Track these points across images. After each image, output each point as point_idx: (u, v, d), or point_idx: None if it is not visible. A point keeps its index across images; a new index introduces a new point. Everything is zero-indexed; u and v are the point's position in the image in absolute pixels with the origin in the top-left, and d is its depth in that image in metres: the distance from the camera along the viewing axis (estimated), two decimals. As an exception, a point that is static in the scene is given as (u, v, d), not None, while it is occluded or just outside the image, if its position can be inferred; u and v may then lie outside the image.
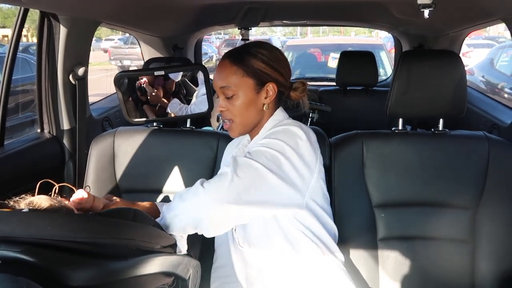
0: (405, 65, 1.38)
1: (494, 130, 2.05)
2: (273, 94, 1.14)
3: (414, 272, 1.35)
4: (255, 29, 3.07)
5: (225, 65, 1.13)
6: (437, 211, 1.37)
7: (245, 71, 1.11)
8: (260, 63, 1.12)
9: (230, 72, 1.12)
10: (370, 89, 2.92)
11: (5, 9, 16.71)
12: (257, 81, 1.12)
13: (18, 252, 0.64)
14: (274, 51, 1.15)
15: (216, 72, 1.15)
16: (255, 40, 1.31)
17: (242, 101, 1.12)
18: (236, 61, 1.12)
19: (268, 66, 1.12)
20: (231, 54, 1.15)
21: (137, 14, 1.95)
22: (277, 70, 1.14)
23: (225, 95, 1.13)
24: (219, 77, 1.14)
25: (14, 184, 1.57)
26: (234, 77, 1.11)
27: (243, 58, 1.12)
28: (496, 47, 8.34)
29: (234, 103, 1.12)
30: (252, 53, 1.12)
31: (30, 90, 4.59)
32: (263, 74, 1.12)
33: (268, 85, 1.12)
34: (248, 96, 1.12)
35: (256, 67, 1.11)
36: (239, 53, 1.14)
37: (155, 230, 0.83)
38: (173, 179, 1.54)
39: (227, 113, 1.14)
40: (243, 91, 1.11)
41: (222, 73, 1.13)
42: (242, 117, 1.14)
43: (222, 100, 1.14)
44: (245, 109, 1.12)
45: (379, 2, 2.08)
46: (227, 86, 1.12)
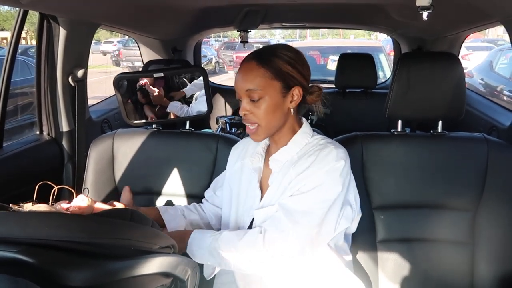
0: (404, 67, 1.38)
1: (493, 132, 2.05)
2: (298, 98, 1.10)
3: (413, 274, 1.35)
4: (254, 31, 3.07)
5: (251, 66, 1.07)
6: (436, 213, 1.37)
7: (273, 73, 1.06)
8: (288, 66, 1.07)
9: (257, 74, 1.06)
10: (369, 91, 2.93)
11: (4, 12, 16.73)
12: (284, 85, 1.07)
13: (16, 253, 0.64)
14: (299, 54, 1.11)
15: (242, 74, 1.09)
16: (280, 43, 1.28)
17: (269, 104, 1.07)
18: (264, 63, 1.07)
19: (295, 70, 1.08)
20: (257, 56, 1.09)
21: (137, 16, 1.95)
22: (302, 73, 1.10)
23: (251, 98, 1.07)
24: (244, 79, 1.08)
25: (13, 186, 1.57)
26: (261, 79, 1.06)
27: (270, 60, 1.07)
28: (495, 49, 8.36)
29: (260, 107, 1.07)
30: (279, 55, 1.08)
31: (29, 93, 4.59)
32: (290, 77, 1.08)
33: (294, 89, 1.08)
34: (274, 100, 1.07)
35: (284, 69, 1.07)
36: (266, 54, 1.09)
37: (153, 230, 0.82)
38: (172, 181, 1.54)
39: (251, 117, 1.09)
40: (270, 95, 1.06)
41: (249, 75, 1.07)
42: (268, 121, 1.09)
43: (247, 103, 1.08)
44: (272, 113, 1.08)
45: (378, 5, 2.08)
46: (254, 89, 1.06)
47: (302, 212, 1.03)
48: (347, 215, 1.11)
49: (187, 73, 1.74)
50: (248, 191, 1.18)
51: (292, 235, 1.02)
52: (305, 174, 1.07)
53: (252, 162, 1.19)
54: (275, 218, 1.05)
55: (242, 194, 1.19)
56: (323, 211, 1.04)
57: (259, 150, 1.21)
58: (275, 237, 1.02)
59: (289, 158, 1.13)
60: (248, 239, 1.04)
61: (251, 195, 1.17)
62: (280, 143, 1.16)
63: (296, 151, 1.13)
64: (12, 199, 0.98)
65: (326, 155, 1.07)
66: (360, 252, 1.35)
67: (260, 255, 1.03)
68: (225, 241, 1.05)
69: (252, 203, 1.16)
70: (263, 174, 1.18)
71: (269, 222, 1.06)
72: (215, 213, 1.32)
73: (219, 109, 3.26)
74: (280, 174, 1.12)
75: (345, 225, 1.11)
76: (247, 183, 1.19)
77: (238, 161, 1.25)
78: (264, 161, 1.19)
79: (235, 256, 1.05)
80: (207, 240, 1.07)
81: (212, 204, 1.34)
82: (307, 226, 1.03)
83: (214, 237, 1.07)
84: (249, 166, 1.19)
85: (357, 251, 1.35)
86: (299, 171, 1.08)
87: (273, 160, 1.15)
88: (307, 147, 1.13)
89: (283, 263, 1.04)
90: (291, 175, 1.09)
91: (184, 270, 0.85)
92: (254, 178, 1.17)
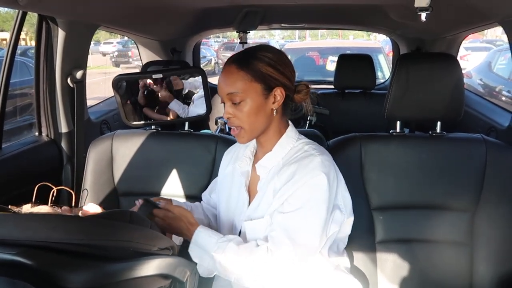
0: (403, 68, 1.39)
1: (491, 132, 2.06)
2: (281, 98, 1.09)
3: (412, 274, 1.35)
4: (254, 32, 3.07)
5: (231, 70, 1.08)
6: (435, 214, 1.37)
7: (252, 76, 1.06)
8: (268, 67, 1.07)
9: (237, 78, 1.07)
10: (368, 92, 2.93)
11: (3, 13, 16.71)
12: (265, 86, 1.08)
13: (14, 255, 0.64)
14: (280, 54, 1.11)
15: (222, 78, 1.10)
16: (260, 44, 1.28)
17: (250, 107, 1.07)
18: (243, 66, 1.07)
19: (276, 70, 1.08)
20: (236, 59, 1.10)
21: (136, 17, 1.95)
22: (284, 74, 1.10)
23: (232, 101, 1.08)
24: (225, 83, 1.09)
25: (12, 187, 1.57)
26: (241, 83, 1.06)
27: (250, 63, 1.07)
28: (494, 50, 8.37)
29: (242, 109, 1.08)
30: (258, 57, 1.08)
31: (28, 94, 4.59)
32: (271, 78, 1.08)
33: (276, 90, 1.08)
34: (256, 102, 1.07)
35: (263, 71, 1.07)
36: (245, 57, 1.09)
37: (152, 232, 0.82)
38: (171, 182, 1.54)
39: (235, 120, 1.10)
40: (251, 97, 1.07)
41: (229, 79, 1.08)
42: (251, 123, 1.09)
43: (229, 106, 1.09)
44: (254, 115, 1.08)
45: (377, 6, 2.09)
46: (235, 92, 1.07)
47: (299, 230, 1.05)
48: (337, 219, 1.11)
49: (186, 74, 1.74)
50: (239, 194, 1.18)
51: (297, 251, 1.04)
52: (289, 185, 1.07)
53: (240, 166, 1.19)
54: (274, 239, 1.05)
55: (233, 198, 1.20)
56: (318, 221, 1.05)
57: (248, 154, 1.21)
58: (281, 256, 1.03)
59: (275, 163, 1.13)
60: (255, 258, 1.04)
61: (241, 199, 1.17)
62: (266, 147, 1.15)
63: (282, 156, 1.13)
64: (11, 200, 0.98)
65: (308, 164, 1.07)
66: (359, 253, 1.35)
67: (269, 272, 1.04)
68: (230, 253, 1.05)
69: (241, 207, 1.16)
70: (251, 178, 1.18)
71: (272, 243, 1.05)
72: (212, 214, 1.33)
73: (218, 110, 3.25)
74: (267, 180, 1.12)
75: (334, 229, 1.11)
76: (237, 187, 1.19)
77: (229, 164, 1.25)
78: (252, 165, 1.19)
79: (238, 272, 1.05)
80: (212, 247, 1.06)
81: (208, 205, 1.35)
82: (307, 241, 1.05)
83: (220, 247, 1.05)
84: (237, 169, 1.20)
85: (356, 252, 1.35)
86: (283, 180, 1.08)
87: (259, 166, 1.15)
88: (292, 151, 1.13)
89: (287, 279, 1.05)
90: (275, 183, 1.10)
91: (183, 272, 0.85)
92: (242, 182, 1.18)
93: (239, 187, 1.18)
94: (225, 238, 1.07)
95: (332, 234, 1.12)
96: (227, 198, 1.21)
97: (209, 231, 1.09)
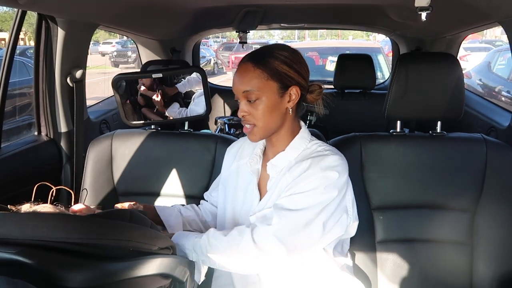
0: (403, 67, 1.38)
1: (491, 132, 2.06)
2: (296, 97, 1.10)
3: (412, 274, 1.35)
4: (253, 32, 3.07)
5: (247, 68, 1.08)
6: (435, 214, 1.37)
7: (269, 74, 1.06)
8: (284, 66, 1.07)
9: (253, 76, 1.06)
10: (368, 92, 2.93)
11: (2, 13, 16.70)
12: (281, 85, 1.07)
13: (14, 254, 0.64)
14: (295, 54, 1.11)
15: (238, 76, 1.09)
16: (276, 43, 1.28)
17: (266, 105, 1.07)
18: (260, 64, 1.07)
19: (292, 69, 1.08)
20: (253, 57, 1.09)
21: (135, 17, 1.95)
22: (300, 73, 1.10)
23: (248, 99, 1.08)
24: (241, 81, 1.08)
25: (11, 187, 1.57)
26: (257, 81, 1.06)
27: (266, 61, 1.07)
28: (493, 50, 8.37)
29: (258, 107, 1.07)
30: (275, 55, 1.08)
31: (27, 94, 4.58)
32: (287, 77, 1.08)
33: (291, 89, 1.08)
34: (272, 100, 1.07)
35: (280, 70, 1.07)
36: (261, 55, 1.09)
37: (152, 231, 0.82)
38: (171, 182, 1.54)
39: (249, 118, 1.09)
40: (267, 95, 1.07)
41: (245, 76, 1.07)
42: (265, 122, 1.09)
43: (244, 104, 1.09)
44: (269, 114, 1.08)
45: (376, 6, 2.09)
46: (251, 90, 1.07)
47: (292, 211, 1.04)
48: (342, 222, 1.10)
49: (185, 73, 1.74)
50: (246, 192, 1.17)
51: (280, 229, 1.02)
52: (300, 178, 1.07)
53: (250, 164, 1.19)
54: (265, 215, 1.08)
55: (239, 196, 1.19)
56: (313, 213, 1.04)
57: (257, 152, 1.20)
58: (262, 230, 1.03)
59: (286, 163, 1.12)
60: (235, 234, 1.04)
61: (249, 197, 1.16)
62: (277, 146, 1.15)
63: (294, 157, 1.12)
64: (10, 200, 0.97)
65: (323, 160, 1.07)
66: (359, 252, 1.35)
67: (248, 249, 1.02)
68: (210, 236, 1.05)
69: (250, 205, 1.16)
70: (261, 177, 1.18)
71: (260, 219, 1.08)
72: (211, 211, 1.32)
73: (217, 110, 3.26)
74: (277, 179, 1.12)
75: (339, 233, 1.10)
76: (244, 185, 1.18)
77: (234, 162, 1.25)
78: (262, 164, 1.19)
79: (222, 253, 1.04)
80: (191, 238, 1.07)
81: (209, 203, 1.35)
82: (294, 223, 1.03)
83: (199, 235, 1.07)
84: (248, 168, 1.19)
85: (356, 252, 1.35)
86: (295, 175, 1.08)
87: (271, 165, 1.14)
88: (305, 152, 1.13)
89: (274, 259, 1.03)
90: (287, 179, 1.10)
91: (183, 271, 0.85)
92: (253, 180, 1.17)
93: (247, 185, 1.18)
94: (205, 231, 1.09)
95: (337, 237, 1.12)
96: (233, 196, 1.20)
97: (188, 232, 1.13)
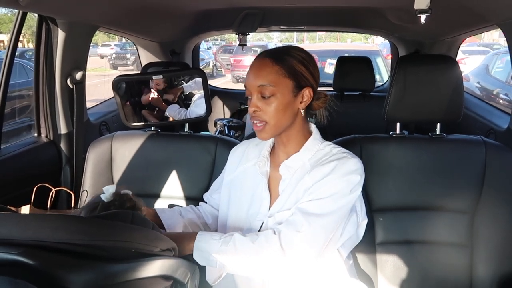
0: (402, 69, 1.39)
1: (490, 134, 2.06)
2: (308, 99, 1.10)
3: (412, 276, 1.35)
4: (252, 34, 3.08)
5: (265, 63, 1.08)
6: (435, 215, 1.37)
7: (286, 71, 1.07)
8: (301, 66, 1.08)
9: (271, 71, 1.06)
10: (367, 95, 2.93)
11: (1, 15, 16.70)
12: (296, 84, 1.08)
13: (16, 255, 0.64)
14: (311, 56, 1.12)
15: (254, 70, 1.09)
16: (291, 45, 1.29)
17: (280, 102, 1.07)
18: (278, 60, 1.07)
19: (308, 70, 1.09)
20: (271, 53, 1.10)
21: (135, 19, 1.95)
22: (314, 75, 1.11)
23: (262, 94, 1.07)
24: (257, 75, 1.08)
25: (11, 188, 1.57)
26: (275, 76, 1.06)
27: (285, 59, 1.08)
28: (491, 53, 8.40)
29: (271, 104, 1.07)
30: (292, 54, 1.09)
31: (26, 96, 4.58)
32: (302, 77, 1.08)
33: (305, 90, 1.09)
34: (286, 98, 1.07)
35: (297, 69, 1.08)
36: (280, 53, 1.10)
37: (154, 233, 0.82)
38: (171, 184, 1.54)
39: (261, 114, 1.08)
40: (282, 92, 1.07)
41: (263, 71, 1.07)
42: (277, 119, 1.08)
43: (257, 99, 1.08)
44: (282, 111, 1.08)
45: (376, 8, 2.09)
46: (267, 85, 1.06)
47: (319, 216, 1.04)
48: (353, 221, 1.13)
49: (186, 75, 1.75)
50: (254, 195, 1.16)
51: (310, 236, 1.02)
52: (323, 181, 1.07)
53: (259, 167, 1.17)
54: (290, 221, 1.05)
55: (246, 198, 1.17)
56: (337, 216, 1.06)
57: (265, 154, 1.19)
58: (292, 237, 1.02)
59: (301, 164, 1.12)
60: (262, 240, 1.03)
61: (257, 199, 1.15)
62: (289, 147, 1.14)
63: (308, 158, 1.12)
64: (10, 201, 0.97)
65: (344, 164, 1.08)
66: (359, 254, 1.35)
67: (277, 256, 1.01)
68: (237, 243, 1.03)
69: (259, 208, 1.14)
70: (270, 178, 1.17)
71: (285, 224, 1.05)
72: (211, 213, 1.31)
73: (217, 112, 3.26)
74: (293, 180, 1.11)
75: (351, 232, 1.13)
76: (252, 187, 1.17)
77: (240, 165, 1.23)
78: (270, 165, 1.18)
79: (250, 260, 1.03)
80: (216, 244, 1.04)
81: (209, 204, 1.33)
82: (323, 229, 1.04)
83: (225, 240, 1.04)
84: (256, 170, 1.17)
85: (356, 253, 1.35)
86: (317, 179, 1.07)
87: (285, 166, 1.13)
88: (319, 154, 1.12)
89: (300, 265, 1.03)
90: (307, 182, 1.08)
91: (184, 273, 0.85)
92: (262, 182, 1.16)
93: (255, 188, 1.16)
94: (228, 234, 1.06)
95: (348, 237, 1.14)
96: (239, 199, 1.19)
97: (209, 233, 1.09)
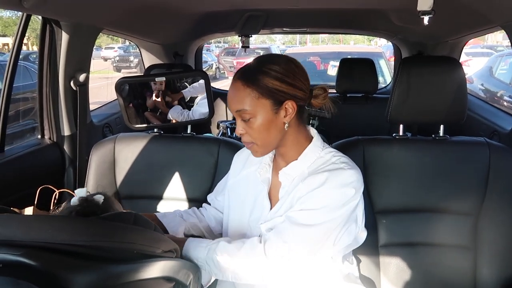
0: (405, 71, 1.39)
1: (494, 136, 2.06)
2: (292, 111, 1.05)
3: (415, 278, 1.35)
4: (255, 37, 3.08)
5: (237, 87, 1.04)
6: (438, 217, 1.36)
7: (260, 92, 1.02)
8: (275, 82, 1.02)
9: (244, 95, 1.03)
10: (370, 96, 2.93)
11: (5, 18, 16.80)
12: (274, 101, 1.03)
13: (19, 255, 0.64)
14: (288, 64, 1.06)
15: (230, 95, 1.07)
16: (268, 54, 1.23)
17: (261, 123, 1.04)
18: (249, 83, 1.03)
19: (284, 83, 1.03)
20: (242, 75, 1.06)
21: (139, 21, 1.96)
22: (294, 85, 1.05)
23: (242, 118, 1.05)
24: (233, 100, 1.06)
25: (14, 189, 1.57)
26: (249, 100, 1.02)
27: (256, 79, 1.03)
28: (495, 55, 8.38)
29: (253, 126, 1.04)
30: (264, 71, 1.03)
31: (30, 98, 4.60)
32: (279, 93, 1.03)
33: (286, 103, 1.04)
34: (266, 118, 1.04)
35: (271, 86, 1.02)
36: (250, 72, 1.05)
37: (156, 234, 0.82)
38: (173, 186, 1.54)
39: (247, 136, 1.07)
40: (261, 113, 1.03)
41: (236, 96, 1.05)
42: (263, 139, 1.06)
43: (240, 123, 1.06)
44: (265, 131, 1.05)
45: (379, 10, 2.09)
46: (243, 109, 1.03)
47: (307, 226, 1.02)
48: (351, 231, 1.10)
49: (188, 77, 1.75)
50: (256, 202, 1.15)
51: (294, 246, 1.01)
52: (316, 191, 1.05)
53: (260, 174, 1.16)
54: (278, 229, 1.05)
55: (248, 204, 1.17)
56: (327, 228, 1.03)
57: (266, 161, 1.18)
58: (277, 246, 1.01)
59: (299, 172, 1.10)
60: (247, 247, 1.03)
61: (259, 206, 1.15)
62: (287, 157, 1.13)
63: (307, 165, 1.10)
64: (14, 203, 0.98)
65: (340, 176, 1.05)
66: (362, 256, 1.35)
67: (261, 264, 1.01)
68: (223, 251, 1.03)
69: (260, 214, 1.14)
70: (271, 185, 1.16)
71: (274, 232, 1.05)
72: (216, 216, 1.31)
73: (220, 114, 3.26)
74: (290, 187, 1.10)
75: (346, 242, 1.10)
76: (254, 193, 1.16)
77: (243, 170, 1.22)
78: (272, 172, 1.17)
79: (235, 267, 1.03)
80: (203, 251, 1.04)
81: (213, 207, 1.33)
82: (309, 240, 1.02)
83: (211, 248, 1.04)
84: (257, 177, 1.17)
85: (359, 256, 1.34)
86: (310, 188, 1.05)
87: (283, 174, 1.12)
88: (319, 161, 1.10)
89: (284, 272, 1.03)
90: (301, 190, 1.07)
91: (186, 275, 0.85)
92: (263, 189, 1.15)
93: (258, 194, 1.15)
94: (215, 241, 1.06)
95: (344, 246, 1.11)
96: (241, 203, 1.18)
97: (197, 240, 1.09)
